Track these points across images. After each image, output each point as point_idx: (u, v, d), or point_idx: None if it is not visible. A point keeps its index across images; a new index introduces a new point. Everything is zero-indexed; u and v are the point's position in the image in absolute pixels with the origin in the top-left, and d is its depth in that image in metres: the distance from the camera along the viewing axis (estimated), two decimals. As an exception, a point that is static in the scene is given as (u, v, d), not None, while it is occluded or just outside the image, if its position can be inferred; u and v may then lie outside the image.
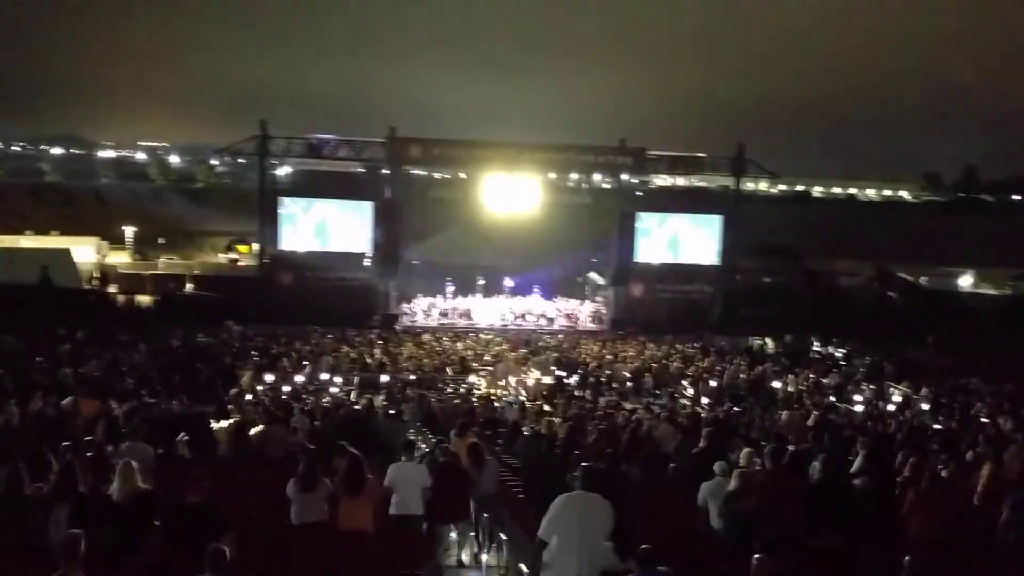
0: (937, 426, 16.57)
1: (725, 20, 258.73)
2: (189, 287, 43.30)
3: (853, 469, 9.81)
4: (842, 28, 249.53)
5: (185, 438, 12.37)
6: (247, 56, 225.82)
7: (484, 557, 9.56)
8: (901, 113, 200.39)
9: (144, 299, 40.20)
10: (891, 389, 23.28)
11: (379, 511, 8.57)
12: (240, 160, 46.33)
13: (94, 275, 44.59)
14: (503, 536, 9.23)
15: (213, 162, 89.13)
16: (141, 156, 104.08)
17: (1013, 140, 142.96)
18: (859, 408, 20.01)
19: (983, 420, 17.16)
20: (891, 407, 20.54)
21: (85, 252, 47.11)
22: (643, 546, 6.24)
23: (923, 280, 56.73)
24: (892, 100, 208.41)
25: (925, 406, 20.20)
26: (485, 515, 9.77)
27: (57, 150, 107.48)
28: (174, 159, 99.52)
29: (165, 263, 49.16)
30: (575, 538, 6.46)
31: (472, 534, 9.85)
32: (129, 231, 52.87)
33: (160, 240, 53.58)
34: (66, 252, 43.24)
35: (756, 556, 6.39)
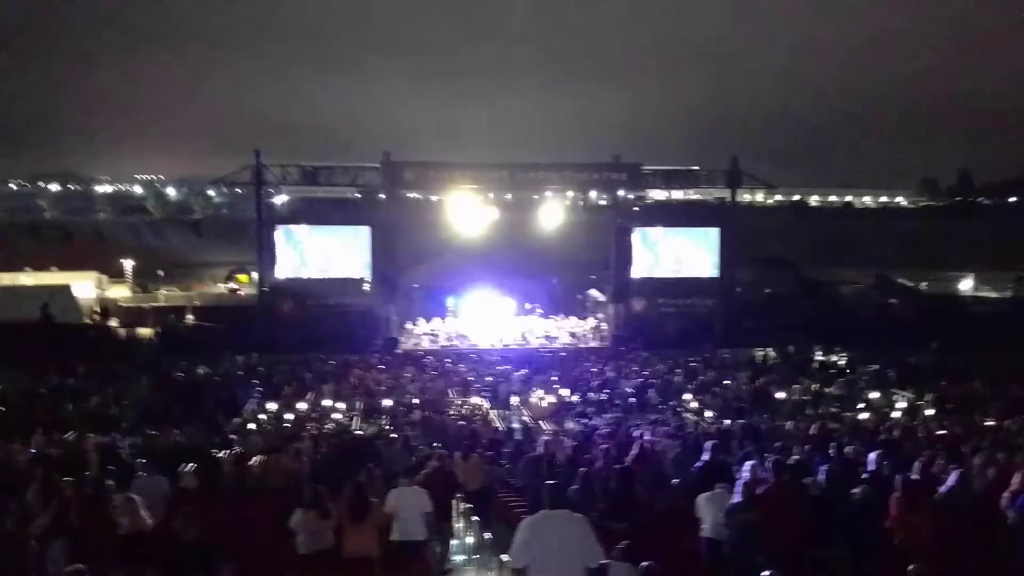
0: (942, 432, 16.45)
1: (718, 34, 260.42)
2: (190, 318, 43.26)
3: (862, 478, 9.71)
4: (834, 41, 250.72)
5: (188, 468, 12.35)
6: (240, 86, 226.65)
7: None
8: (895, 121, 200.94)
9: (145, 332, 40.13)
10: (895, 396, 23.20)
11: (382, 536, 8.54)
12: (237, 190, 46.42)
13: (94, 310, 44.56)
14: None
15: (210, 193, 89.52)
16: (138, 190, 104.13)
17: (1006, 143, 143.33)
18: (864, 416, 19.91)
19: (988, 424, 17.08)
20: (896, 414, 20.43)
21: (85, 287, 47.05)
22: (644, 564, 6.21)
23: (923, 286, 56.73)
24: (886, 108, 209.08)
25: (930, 412, 20.11)
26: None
27: (54, 187, 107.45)
28: (171, 191, 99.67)
29: (165, 295, 49.21)
30: (547, 563, 6.00)
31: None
32: (128, 265, 52.94)
33: (159, 272, 53.62)
34: (66, 288, 43.19)
35: (765, 573, 6.32)
